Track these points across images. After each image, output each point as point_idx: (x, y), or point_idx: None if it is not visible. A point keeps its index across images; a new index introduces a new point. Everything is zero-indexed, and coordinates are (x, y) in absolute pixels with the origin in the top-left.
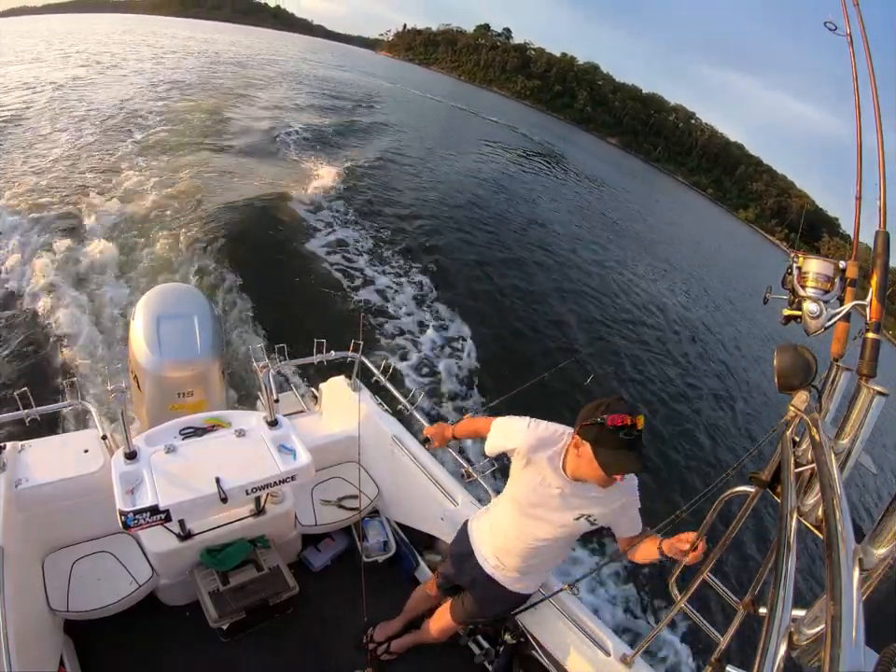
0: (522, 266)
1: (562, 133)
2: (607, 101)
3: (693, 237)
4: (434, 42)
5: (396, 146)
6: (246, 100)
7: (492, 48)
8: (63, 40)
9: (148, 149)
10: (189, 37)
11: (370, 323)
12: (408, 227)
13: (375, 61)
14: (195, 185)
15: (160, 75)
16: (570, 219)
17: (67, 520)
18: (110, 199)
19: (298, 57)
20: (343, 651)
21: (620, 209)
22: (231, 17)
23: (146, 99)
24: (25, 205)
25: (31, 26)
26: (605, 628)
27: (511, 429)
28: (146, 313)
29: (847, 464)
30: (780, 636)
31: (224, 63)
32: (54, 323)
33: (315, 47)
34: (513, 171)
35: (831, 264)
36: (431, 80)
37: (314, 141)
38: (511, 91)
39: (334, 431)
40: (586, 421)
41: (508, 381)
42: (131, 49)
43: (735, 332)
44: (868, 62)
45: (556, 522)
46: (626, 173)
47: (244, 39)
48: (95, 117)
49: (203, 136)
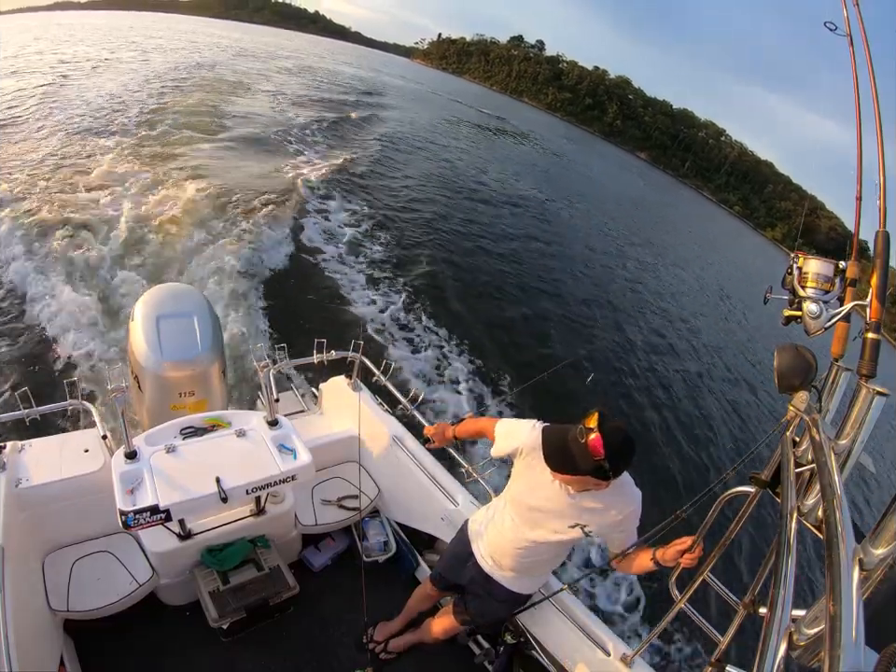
0: (527, 266)
1: (592, 143)
2: (637, 115)
3: (706, 240)
4: (467, 52)
5: (410, 148)
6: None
7: (524, 59)
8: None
9: (159, 147)
10: (260, 41)
11: (370, 323)
12: (412, 228)
13: (412, 69)
14: (205, 183)
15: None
16: (588, 222)
17: (67, 520)
18: (112, 198)
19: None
20: (343, 651)
21: (645, 219)
22: (271, 20)
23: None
24: (25, 204)
25: (78, 20)
26: (605, 628)
27: (514, 430)
28: (145, 313)
29: (847, 464)
30: (780, 636)
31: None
32: (54, 323)
33: (360, 54)
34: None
35: (831, 264)
36: (463, 89)
37: (326, 137)
38: (541, 103)
39: (334, 431)
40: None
41: (508, 381)
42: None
43: (736, 333)
44: (868, 62)
45: (552, 527)
46: (654, 185)
47: (287, 43)
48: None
49: (216, 133)
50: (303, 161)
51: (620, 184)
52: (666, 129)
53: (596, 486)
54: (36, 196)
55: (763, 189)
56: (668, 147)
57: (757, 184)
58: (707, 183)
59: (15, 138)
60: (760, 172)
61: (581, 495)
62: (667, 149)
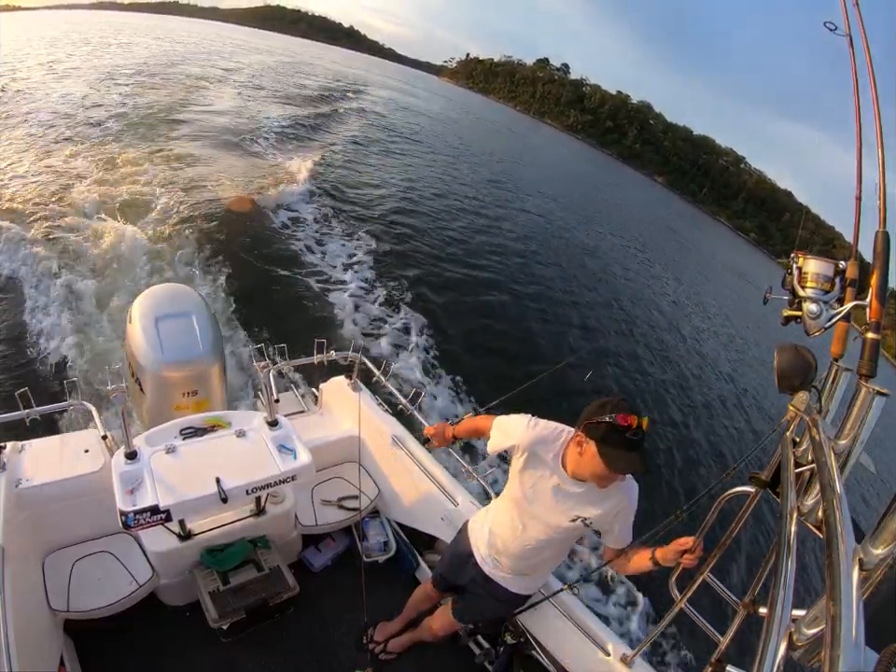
0: (528, 270)
1: (609, 166)
2: (656, 139)
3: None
4: (494, 73)
5: (419, 159)
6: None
7: (549, 81)
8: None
9: (164, 151)
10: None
11: (370, 323)
12: (414, 231)
13: (437, 87)
14: (202, 182)
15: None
16: (595, 232)
17: (67, 520)
18: (113, 196)
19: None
20: (343, 651)
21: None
22: (307, 33)
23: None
24: (27, 202)
25: (123, 20)
26: (605, 628)
27: (510, 427)
28: (143, 314)
29: (847, 464)
30: (780, 636)
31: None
32: (54, 323)
33: (388, 70)
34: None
35: (831, 264)
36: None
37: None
38: (562, 124)
39: (334, 431)
40: (592, 419)
41: (508, 380)
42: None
43: (736, 333)
44: (868, 62)
45: (552, 523)
46: (676, 212)
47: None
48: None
49: (234, 136)
50: (303, 162)
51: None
52: (685, 154)
53: (622, 479)
54: (38, 195)
55: (780, 217)
56: (686, 172)
57: (774, 212)
58: (724, 209)
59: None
60: (778, 200)
61: (583, 486)
62: (685, 174)
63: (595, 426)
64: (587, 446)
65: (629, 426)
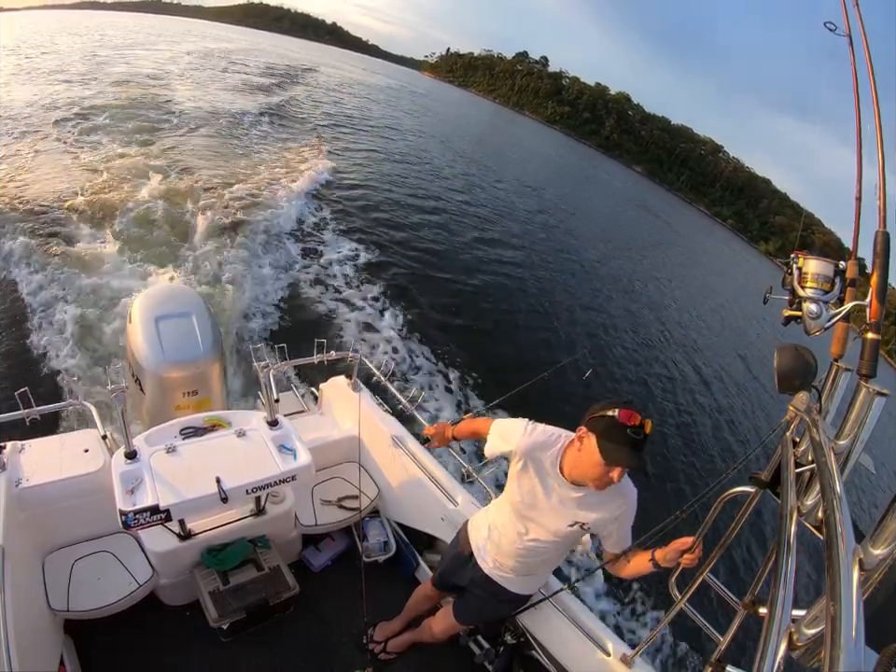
0: (525, 268)
1: (589, 156)
2: (634, 129)
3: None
4: (473, 66)
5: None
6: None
7: (527, 73)
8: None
9: (160, 147)
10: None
11: (370, 323)
12: (413, 231)
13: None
14: (202, 182)
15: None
16: (585, 228)
17: (67, 520)
18: (112, 196)
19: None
20: (343, 651)
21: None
22: (290, 30)
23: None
24: (26, 202)
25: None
26: (605, 628)
27: (508, 431)
28: (142, 314)
29: (847, 464)
30: (780, 636)
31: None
32: (54, 323)
33: (367, 64)
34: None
35: (830, 264)
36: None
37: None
38: (541, 116)
39: (334, 431)
40: (595, 414)
41: (508, 380)
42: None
43: (736, 333)
44: (868, 62)
45: (550, 527)
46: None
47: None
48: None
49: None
50: (305, 159)
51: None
52: (663, 144)
53: (618, 480)
54: (45, 192)
55: (757, 203)
56: (664, 161)
57: (752, 199)
58: (703, 198)
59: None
60: (756, 187)
61: (581, 490)
62: (663, 163)
63: (598, 419)
64: (587, 440)
65: (632, 423)
